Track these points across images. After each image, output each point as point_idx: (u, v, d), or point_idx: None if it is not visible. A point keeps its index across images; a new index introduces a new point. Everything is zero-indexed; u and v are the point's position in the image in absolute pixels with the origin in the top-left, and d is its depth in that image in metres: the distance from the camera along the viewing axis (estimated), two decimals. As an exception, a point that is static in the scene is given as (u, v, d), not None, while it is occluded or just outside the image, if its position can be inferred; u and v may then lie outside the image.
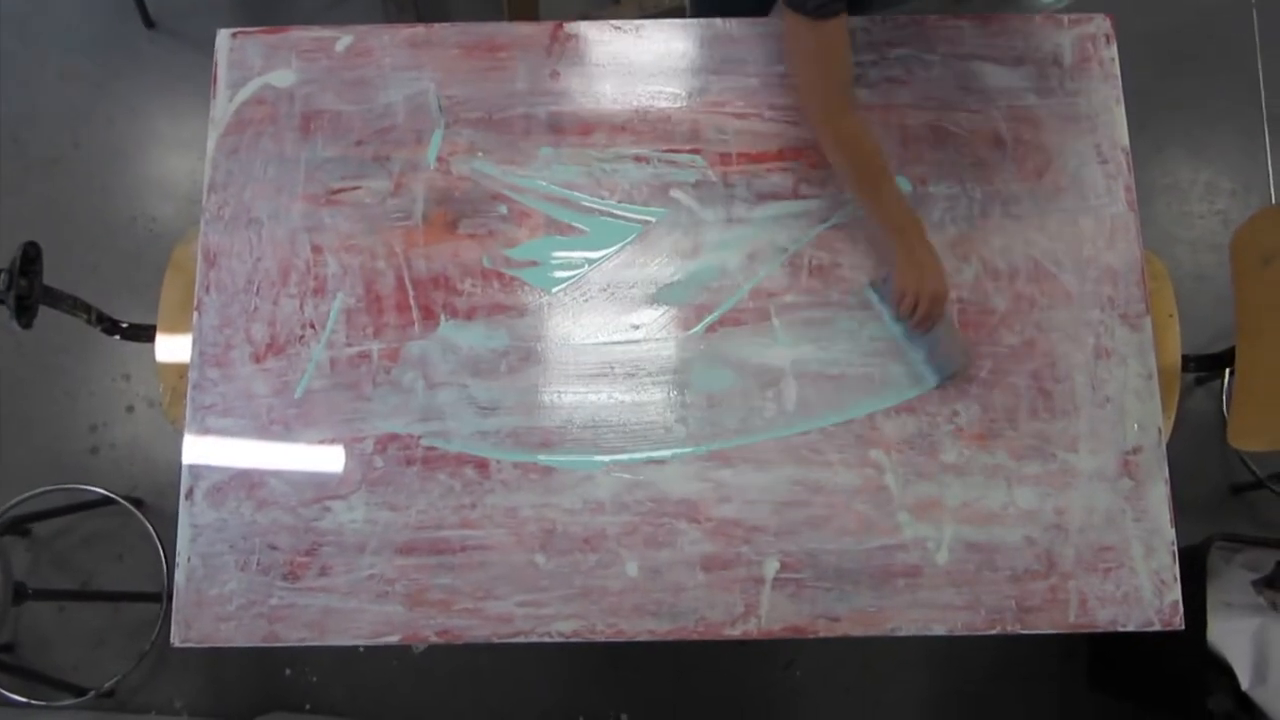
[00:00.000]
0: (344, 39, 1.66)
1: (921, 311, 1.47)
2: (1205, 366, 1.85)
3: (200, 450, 1.50)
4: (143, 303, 2.04)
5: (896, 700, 2.29)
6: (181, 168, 2.55)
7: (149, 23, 2.59)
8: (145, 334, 1.80)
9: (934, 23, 1.67)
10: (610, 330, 1.55)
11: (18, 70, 2.60)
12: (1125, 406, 1.53)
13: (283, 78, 1.64)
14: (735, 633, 1.45)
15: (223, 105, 1.63)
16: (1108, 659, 2.19)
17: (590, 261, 1.57)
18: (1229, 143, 2.59)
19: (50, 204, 2.51)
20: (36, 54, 2.62)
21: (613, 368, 1.54)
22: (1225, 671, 1.80)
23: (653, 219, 1.59)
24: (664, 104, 1.63)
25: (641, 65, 1.65)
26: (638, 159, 1.61)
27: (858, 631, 1.45)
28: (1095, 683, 2.25)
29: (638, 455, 1.50)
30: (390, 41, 1.66)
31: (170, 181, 2.54)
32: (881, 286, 1.54)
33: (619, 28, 1.67)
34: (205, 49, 1.64)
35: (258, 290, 1.56)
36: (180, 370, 1.63)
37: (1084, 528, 1.49)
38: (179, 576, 1.47)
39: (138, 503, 2.32)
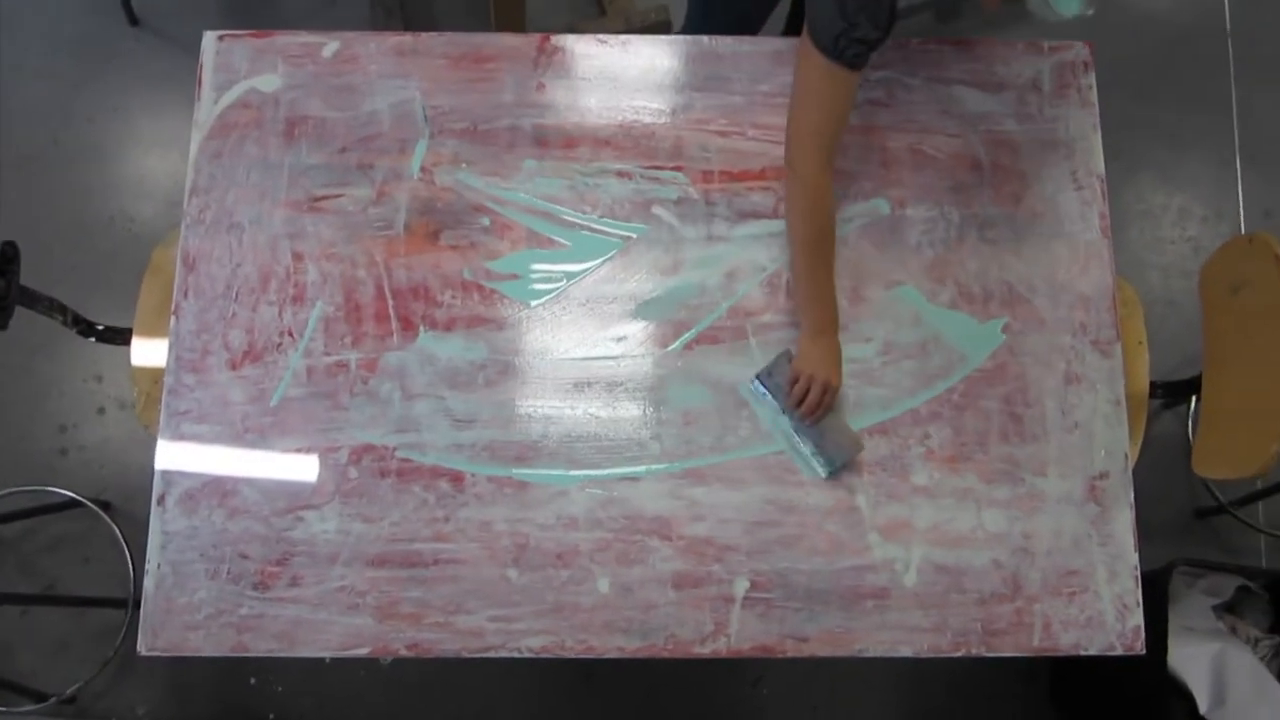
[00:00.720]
0: (331, 45, 1.66)
1: (812, 399, 1.46)
2: (1173, 394, 1.88)
3: (173, 456, 1.49)
4: (119, 303, 2.02)
5: (864, 719, 2.30)
6: (162, 168, 2.53)
7: (133, 20, 2.57)
8: (121, 337, 1.79)
9: (917, 46, 1.69)
10: (588, 345, 1.55)
11: (-2, 66, 2.58)
12: (1094, 432, 1.55)
13: (268, 82, 1.64)
14: (705, 651, 1.46)
15: (207, 108, 1.62)
16: (1070, 680, 2.22)
17: (570, 276, 1.58)
18: (1202, 170, 2.64)
19: (27, 201, 2.48)
20: (16, 49, 2.59)
21: (590, 383, 1.54)
22: (1184, 695, 1.83)
23: (634, 235, 1.60)
24: (648, 120, 1.64)
25: (627, 80, 1.66)
26: (620, 174, 1.62)
27: (825, 652, 1.46)
28: (1058, 704, 2.27)
29: (612, 471, 1.51)
30: (377, 49, 1.66)
31: (150, 181, 2.52)
32: (767, 379, 1.52)
33: (605, 42, 1.68)
34: (189, 48, 1.63)
35: (236, 296, 1.55)
36: (155, 375, 1.62)
37: (1050, 551, 1.51)
38: (148, 584, 1.46)
39: (106, 506, 2.30)
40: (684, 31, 1.98)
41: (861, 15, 1.28)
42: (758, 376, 1.53)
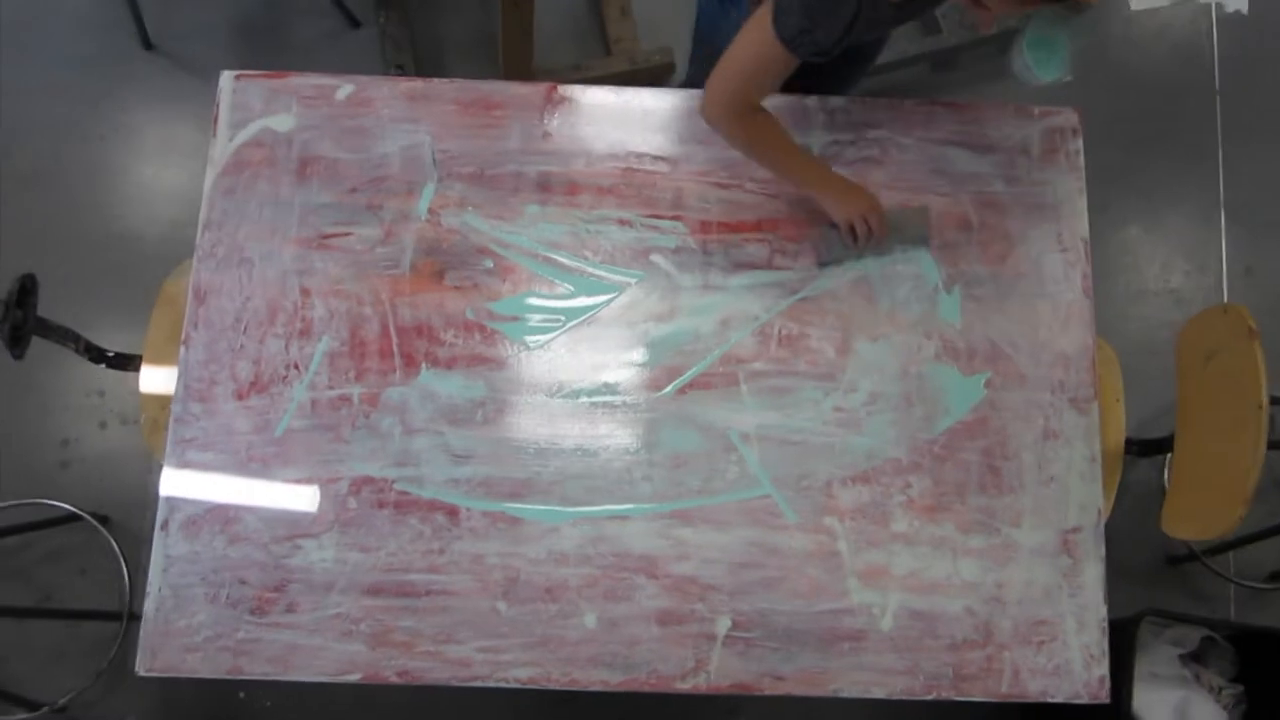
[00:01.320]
0: (345, 88, 1.71)
1: (873, 229, 1.61)
2: (1147, 451, 1.93)
3: (178, 482, 1.54)
4: (124, 323, 2.07)
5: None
6: (168, 189, 2.57)
7: (147, 44, 2.62)
8: (130, 364, 1.83)
9: (911, 107, 1.75)
10: (584, 387, 1.61)
11: (10, 83, 2.62)
12: (1069, 487, 1.60)
13: (282, 122, 1.69)
14: (685, 686, 1.51)
15: (222, 145, 1.68)
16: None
17: (569, 318, 1.63)
18: (1186, 226, 2.70)
19: (34, 219, 2.52)
20: (31, 66, 2.64)
21: (584, 423, 1.59)
22: (1149, 741, 1.89)
23: (632, 281, 1.65)
24: (650, 170, 1.70)
25: (630, 131, 1.72)
26: (621, 222, 1.68)
27: (801, 691, 1.51)
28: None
29: (603, 509, 1.56)
30: (390, 93, 1.72)
31: (158, 202, 2.56)
32: (832, 254, 1.66)
33: (610, 93, 1.74)
34: (201, 74, 1.68)
35: (245, 329, 1.60)
36: (162, 401, 1.67)
37: (1022, 601, 1.56)
38: (148, 605, 1.50)
39: (104, 520, 2.33)
40: (686, 84, 2.04)
41: (820, 26, 1.37)
42: (822, 263, 1.66)
